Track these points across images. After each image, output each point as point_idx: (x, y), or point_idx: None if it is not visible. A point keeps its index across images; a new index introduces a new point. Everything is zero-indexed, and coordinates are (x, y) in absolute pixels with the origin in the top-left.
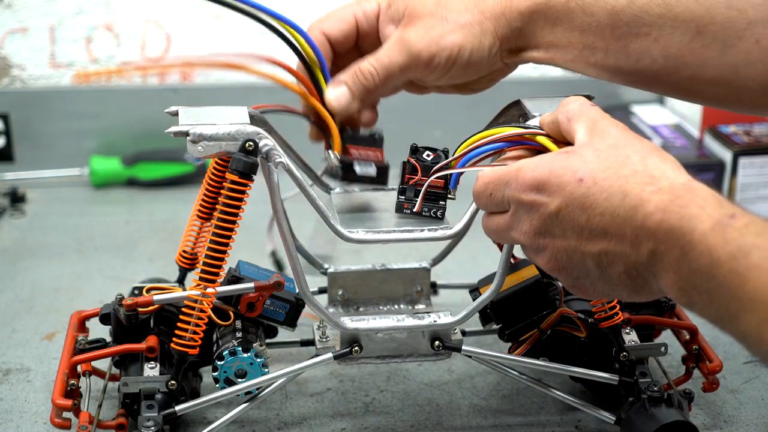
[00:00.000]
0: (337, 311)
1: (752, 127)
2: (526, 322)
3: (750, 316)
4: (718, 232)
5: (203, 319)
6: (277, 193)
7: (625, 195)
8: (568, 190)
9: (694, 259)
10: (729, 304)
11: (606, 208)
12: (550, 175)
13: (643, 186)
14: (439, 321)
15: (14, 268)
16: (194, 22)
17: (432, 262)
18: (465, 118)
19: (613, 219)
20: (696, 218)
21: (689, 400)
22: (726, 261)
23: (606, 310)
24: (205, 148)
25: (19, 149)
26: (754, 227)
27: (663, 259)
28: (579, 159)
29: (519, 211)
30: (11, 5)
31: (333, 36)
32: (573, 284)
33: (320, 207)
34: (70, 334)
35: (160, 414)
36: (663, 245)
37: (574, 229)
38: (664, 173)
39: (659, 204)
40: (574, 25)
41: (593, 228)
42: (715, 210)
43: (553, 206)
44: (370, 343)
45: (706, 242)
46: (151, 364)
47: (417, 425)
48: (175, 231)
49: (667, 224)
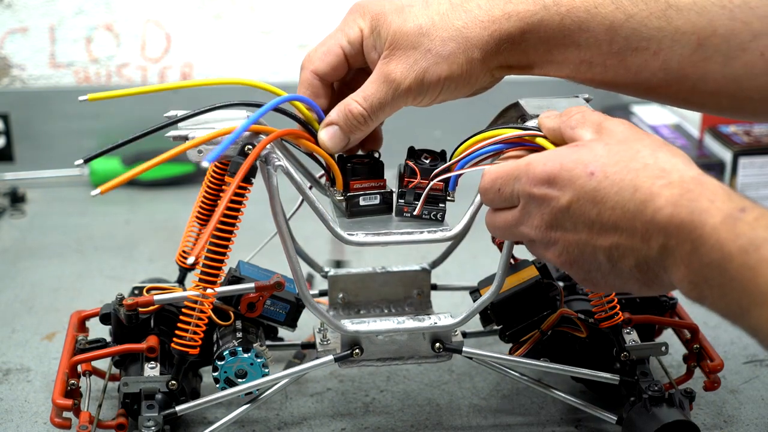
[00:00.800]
0: (337, 314)
1: (752, 128)
2: (527, 323)
3: (761, 311)
4: (729, 225)
5: (203, 320)
6: (276, 196)
7: (636, 189)
8: (579, 184)
9: (705, 254)
10: (740, 299)
11: (617, 202)
12: (561, 168)
13: (654, 180)
14: (439, 323)
15: (14, 268)
16: (194, 22)
17: (432, 264)
18: (465, 118)
19: (624, 213)
20: (706, 212)
21: (690, 400)
22: (737, 255)
23: (606, 310)
24: (205, 152)
25: (19, 149)
26: (765, 221)
27: (674, 254)
28: (589, 152)
29: (529, 206)
30: (11, 5)
31: (322, 72)
32: (584, 278)
33: (319, 210)
34: (70, 334)
35: (161, 414)
36: (674, 240)
37: (585, 223)
38: (674, 166)
39: (669, 198)
40: (569, 41)
41: (604, 222)
42: (725, 203)
43: (564, 200)
44: (370, 346)
45: (717, 236)
46: (151, 364)
47: (417, 425)
48: (175, 231)
49: (677, 219)
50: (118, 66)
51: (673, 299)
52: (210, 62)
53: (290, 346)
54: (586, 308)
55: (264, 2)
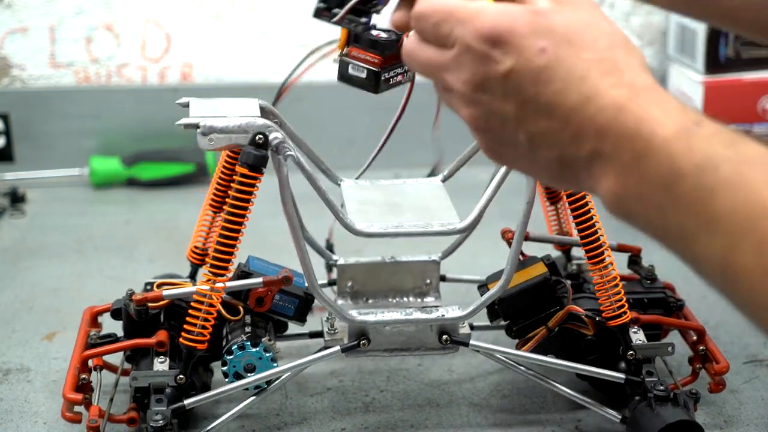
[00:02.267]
0: (346, 303)
1: (752, 127)
2: (534, 319)
3: (713, 239)
4: (683, 139)
5: (212, 314)
6: (286, 185)
7: (583, 81)
8: (525, 56)
9: (651, 168)
10: (686, 222)
11: (559, 89)
12: (511, 31)
13: (603, 76)
14: (447, 315)
15: (14, 268)
16: (194, 22)
17: (442, 255)
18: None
19: (563, 102)
20: (656, 122)
21: (695, 401)
22: (690, 173)
23: (614, 309)
24: (215, 141)
25: (19, 149)
26: (723, 136)
27: (607, 162)
28: (545, 23)
29: (464, 56)
30: (11, 5)
31: None
32: (491, 148)
33: (329, 201)
34: (82, 329)
35: (169, 408)
36: (610, 146)
37: (517, 98)
38: (629, 66)
39: (616, 100)
40: None
41: (539, 104)
42: (679, 115)
43: (504, 67)
44: (377, 336)
45: (668, 150)
46: (160, 358)
47: (417, 425)
48: (175, 231)
49: (621, 124)
50: (118, 66)
51: (680, 301)
52: (210, 62)
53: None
54: (593, 306)
55: (264, 2)
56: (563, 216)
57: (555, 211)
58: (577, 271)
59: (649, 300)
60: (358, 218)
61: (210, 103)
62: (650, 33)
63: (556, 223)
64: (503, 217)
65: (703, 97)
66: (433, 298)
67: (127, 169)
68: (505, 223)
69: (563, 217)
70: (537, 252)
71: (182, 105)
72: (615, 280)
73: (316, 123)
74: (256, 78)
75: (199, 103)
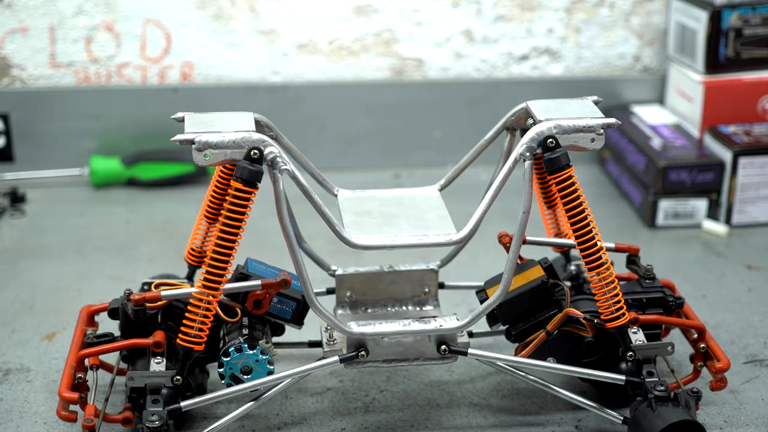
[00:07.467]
0: (345, 312)
1: (752, 127)
2: (533, 322)
3: None
4: None
5: (209, 316)
6: (282, 200)
7: None
8: None
9: None
10: None
11: None
12: None
13: None
14: (444, 325)
15: (14, 268)
16: (194, 22)
17: (440, 263)
18: (465, 118)
19: None
20: None
21: (697, 399)
22: None
23: (612, 311)
24: (211, 156)
25: (19, 149)
26: None
27: None
28: None
29: None
30: (11, 5)
31: None
32: None
33: (326, 213)
34: (79, 328)
35: (165, 409)
36: None
37: None
38: None
39: None
40: None
41: None
42: None
43: None
44: (376, 347)
45: None
46: (157, 359)
47: (417, 425)
48: (175, 231)
49: None
50: (118, 66)
51: (680, 299)
52: (210, 62)
53: (298, 345)
54: (592, 308)
55: (264, 2)
56: (561, 218)
57: (552, 215)
58: (576, 272)
59: (648, 299)
60: (355, 230)
61: (205, 117)
62: (650, 33)
63: (554, 226)
64: (503, 216)
65: (703, 97)
66: (431, 307)
67: (127, 169)
68: (504, 221)
69: (561, 218)
70: (533, 255)
71: (177, 120)
72: (613, 281)
73: (316, 123)
74: (256, 78)
75: (194, 117)
